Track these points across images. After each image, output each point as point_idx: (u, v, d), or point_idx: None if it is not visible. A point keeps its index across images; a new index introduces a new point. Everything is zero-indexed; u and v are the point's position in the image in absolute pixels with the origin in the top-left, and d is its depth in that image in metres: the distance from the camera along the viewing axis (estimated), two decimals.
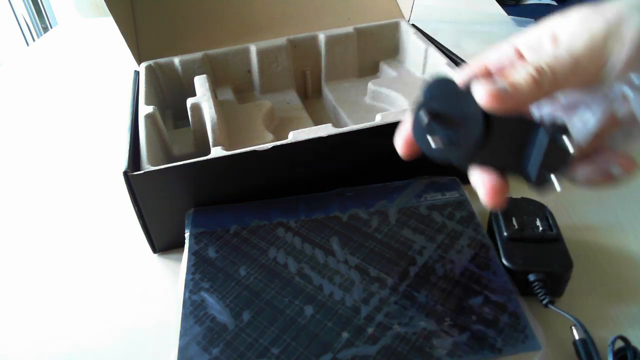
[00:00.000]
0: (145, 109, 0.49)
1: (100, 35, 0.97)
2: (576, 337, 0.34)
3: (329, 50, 0.63)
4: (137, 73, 0.58)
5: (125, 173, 0.40)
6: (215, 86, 0.60)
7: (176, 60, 0.59)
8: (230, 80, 0.62)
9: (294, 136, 0.43)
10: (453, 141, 0.26)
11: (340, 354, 0.32)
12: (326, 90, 0.64)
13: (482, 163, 0.27)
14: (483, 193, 0.27)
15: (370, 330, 0.33)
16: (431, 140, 0.27)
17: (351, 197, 0.44)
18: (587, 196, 0.48)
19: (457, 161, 0.28)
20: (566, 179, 0.27)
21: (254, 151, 0.42)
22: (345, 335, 0.33)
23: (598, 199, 0.48)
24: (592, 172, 0.27)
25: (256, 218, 0.43)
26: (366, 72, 0.66)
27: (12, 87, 0.82)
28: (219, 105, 0.54)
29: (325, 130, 0.44)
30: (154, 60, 0.59)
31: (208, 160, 0.42)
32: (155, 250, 0.46)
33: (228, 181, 0.44)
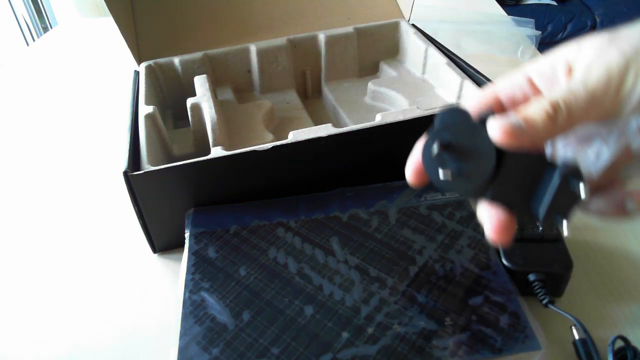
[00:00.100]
0: (145, 109, 0.49)
1: (100, 35, 0.97)
2: (576, 337, 0.34)
3: (329, 50, 0.63)
4: (137, 73, 0.58)
5: (125, 173, 0.40)
6: (215, 86, 0.60)
7: (176, 60, 0.59)
8: (230, 80, 0.62)
9: (294, 136, 0.43)
10: (463, 173, 0.26)
11: (340, 354, 0.32)
12: (326, 90, 0.64)
13: (491, 198, 0.26)
14: (489, 229, 0.26)
15: (370, 330, 0.33)
16: (441, 171, 0.26)
17: (351, 197, 0.44)
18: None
19: (466, 194, 0.27)
20: (579, 209, 0.26)
21: (254, 151, 0.42)
22: (345, 335, 0.33)
23: None
24: (606, 205, 0.26)
25: (256, 218, 0.43)
26: (366, 72, 0.66)
27: (12, 87, 0.82)
28: (219, 105, 0.54)
29: (325, 130, 0.44)
30: (154, 60, 0.59)
31: (208, 160, 0.42)
32: (155, 250, 0.46)
33: (228, 181, 0.44)
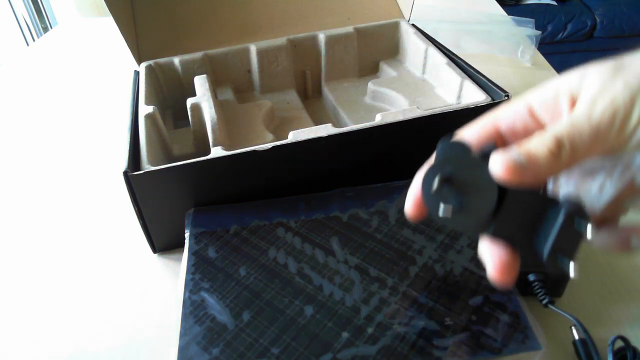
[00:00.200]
0: (145, 109, 0.49)
1: (100, 35, 0.97)
2: (576, 337, 0.34)
3: (329, 50, 0.63)
4: (137, 73, 0.58)
5: (125, 173, 0.40)
6: (215, 86, 0.60)
7: (176, 60, 0.59)
8: (230, 80, 0.62)
9: (294, 136, 0.43)
10: (463, 209, 0.25)
11: (340, 354, 0.32)
12: (326, 90, 0.64)
13: (492, 234, 0.25)
14: (491, 268, 0.25)
15: (370, 330, 0.33)
16: (441, 207, 0.25)
17: (351, 197, 0.44)
18: None
19: (466, 230, 0.26)
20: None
21: (254, 151, 0.42)
22: (345, 335, 0.33)
23: None
24: (610, 239, 0.26)
25: (256, 218, 0.43)
26: (366, 72, 0.66)
27: (12, 87, 0.82)
28: (219, 105, 0.54)
29: (325, 130, 0.44)
30: (154, 60, 0.59)
31: (208, 160, 0.42)
32: (155, 250, 0.46)
33: (228, 181, 0.44)
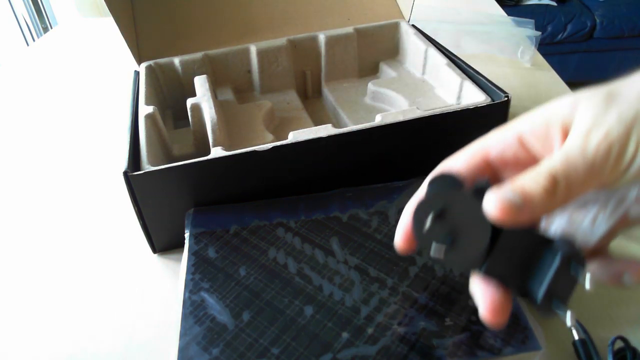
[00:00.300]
0: (145, 109, 0.49)
1: (100, 35, 0.97)
2: (576, 337, 0.34)
3: (329, 50, 0.63)
4: (137, 73, 0.58)
5: (125, 173, 0.40)
6: (215, 86, 0.60)
7: (176, 60, 0.59)
8: (230, 80, 0.62)
9: (294, 136, 0.43)
10: (455, 247, 0.24)
11: (340, 354, 0.32)
12: (326, 90, 0.64)
13: (485, 273, 0.25)
14: (483, 309, 0.24)
15: (370, 330, 0.33)
16: (433, 247, 0.24)
17: (351, 198, 0.44)
18: None
19: (457, 268, 0.25)
20: None
21: (254, 151, 0.42)
22: (345, 335, 0.33)
23: None
24: (602, 274, 0.25)
25: (256, 218, 0.43)
26: (366, 73, 0.66)
27: (12, 87, 0.82)
28: (219, 105, 0.54)
29: (325, 130, 0.44)
30: (154, 60, 0.59)
31: (208, 160, 0.42)
32: (155, 250, 0.46)
33: (228, 181, 0.44)
